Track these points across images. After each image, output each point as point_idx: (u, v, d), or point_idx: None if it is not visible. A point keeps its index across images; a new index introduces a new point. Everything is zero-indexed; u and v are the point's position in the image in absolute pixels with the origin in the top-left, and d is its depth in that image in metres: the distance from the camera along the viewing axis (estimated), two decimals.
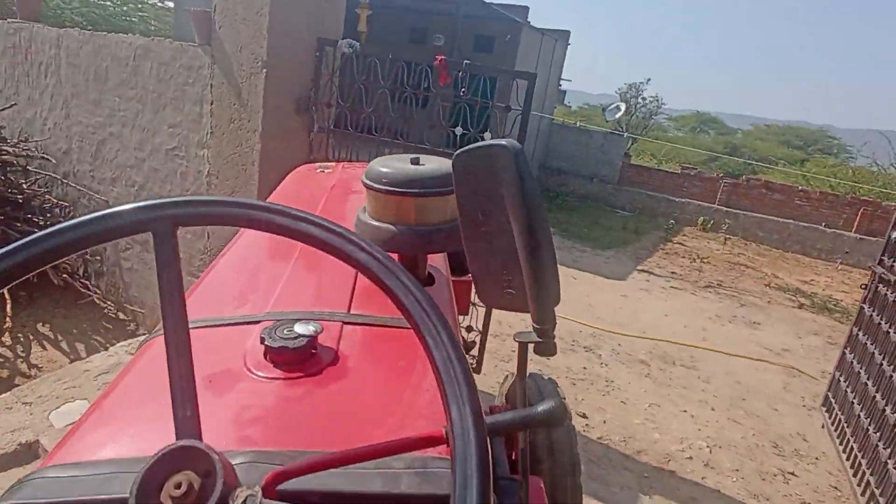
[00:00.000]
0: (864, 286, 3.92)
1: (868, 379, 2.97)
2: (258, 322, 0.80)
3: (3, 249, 0.44)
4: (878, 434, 2.67)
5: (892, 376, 2.66)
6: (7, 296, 3.87)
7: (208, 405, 0.52)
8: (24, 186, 3.93)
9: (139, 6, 11.49)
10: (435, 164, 0.99)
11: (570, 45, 12.10)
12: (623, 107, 10.66)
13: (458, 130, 2.80)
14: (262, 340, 0.70)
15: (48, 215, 4.02)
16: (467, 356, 1.10)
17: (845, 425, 3.12)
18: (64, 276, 3.86)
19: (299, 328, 0.72)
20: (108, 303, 3.97)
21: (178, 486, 0.37)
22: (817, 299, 7.99)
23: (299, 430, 0.60)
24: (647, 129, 22.02)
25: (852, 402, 3.12)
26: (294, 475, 0.42)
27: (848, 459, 3.02)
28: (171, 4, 10.72)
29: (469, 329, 2.94)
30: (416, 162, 0.99)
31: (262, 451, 0.54)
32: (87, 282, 4.02)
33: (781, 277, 9.03)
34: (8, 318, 3.77)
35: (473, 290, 1.13)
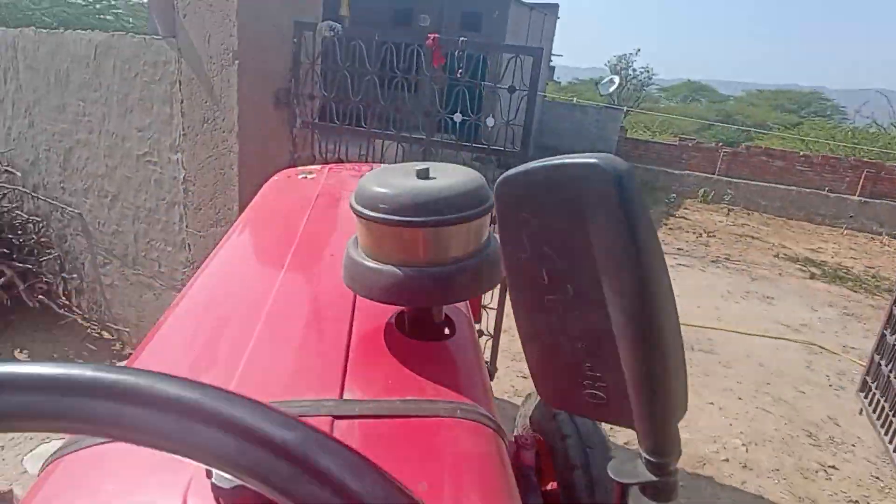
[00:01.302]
0: None
1: None
2: None
3: None
4: None
5: None
6: None
7: None
8: None
9: (113, 2, 11.00)
10: (451, 177, 0.73)
11: (559, 18, 11.68)
12: (616, 80, 10.36)
13: (458, 117, 2.52)
14: (209, 472, 0.44)
15: (19, 232, 3.74)
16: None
17: (890, 412, 2.91)
18: (40, 297, 3.59)
19: None
20: (91, 322, 3.71)
21: None
22: (828, 268, 7.79)
23: None
24: (638, 101, 21.64)
25: None
26: None
27: (894, 448, 2.82)
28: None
29: (480, 333, 2.70)
30: (424, 175, 0.73)
31: None
32: (68, 301, 3.76)
33: (789, 247, 8.82)
34: None
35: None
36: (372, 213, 0.70)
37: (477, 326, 2.61)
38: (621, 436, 2.72)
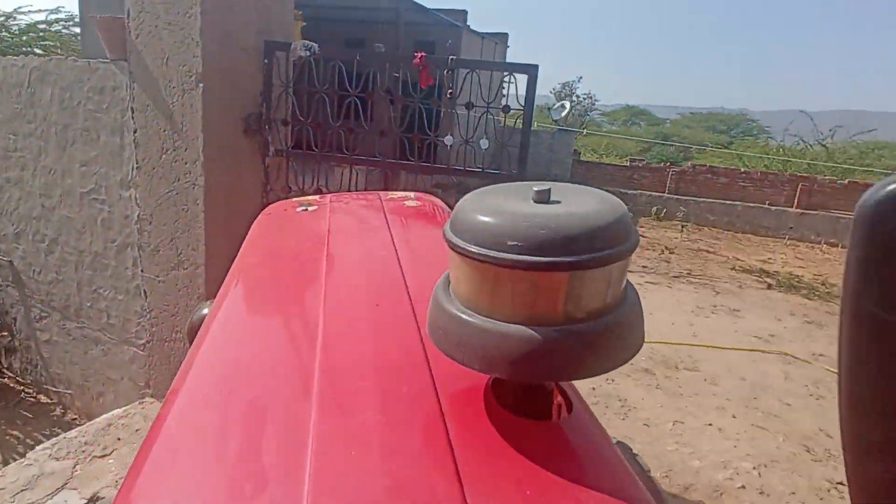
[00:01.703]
0: None
1: None
2: None
3: None
4: None
5: None
6: None
7: None
8: None
9: (41, 34, 10.34)
10: (583, 201, 0.54)
11: (508, 47, 11.94)
12: (567, 105, 10.62)
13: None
14: None
15: None
16: None
17: None
18: None
19: None
20: (26, 385, 3.23)
21: None
22: (781, 278, 8.10)
23: None
24: (584, 126, 22.46)
25: None
26: None
27: None
28: (79, 30, 9.69)
29: None
30: (544, 198, 0.54)
31: None
32: None
33: (742, 259, 9.15)
34: None
35: None
36: (494, 254, 0.50)
37: None
38: None
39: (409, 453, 0.53)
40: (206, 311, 1.12)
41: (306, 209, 1.32)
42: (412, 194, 1.52)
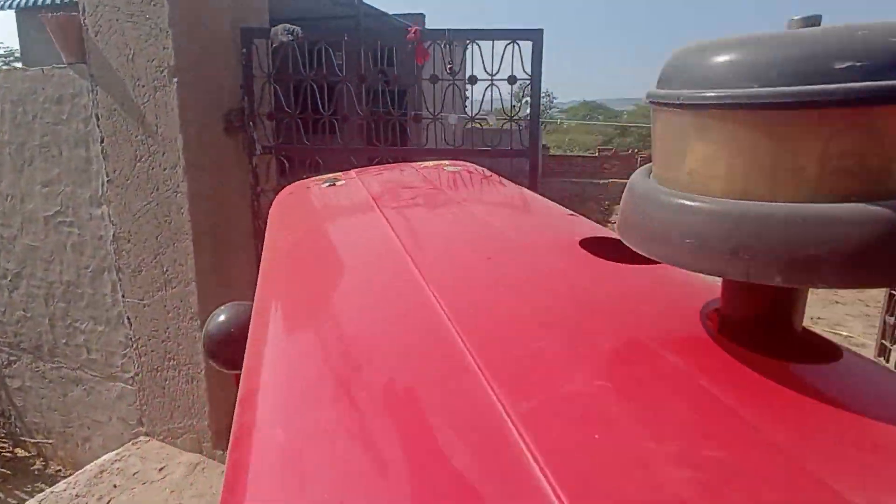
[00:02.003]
0: None
1: None
2: None
3: None
4: None
5: None
6: None
7: None
8: None
9: None
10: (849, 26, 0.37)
11: (466, 48, 11.88)
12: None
13: (453, 118, 2.20)
14: None
15: None
16: None
17: None
18: None
19: None
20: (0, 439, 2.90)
21: None
22: None
23: None
24: (544, 123, 22.70)
25: None
26: None
27: None
28: (20, 65, 9.18)
29: None
30: (813, 23, 0.37)
31: None
32: None
33: None
34: None
35: None
36: (818, 88, 0.32)
37: None
38: None
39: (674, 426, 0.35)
40: (223, 317, 0.92)
41: (333, 184, 1.13)
42: (446, 162, 1.35)
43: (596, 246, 0.68)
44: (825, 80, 0.32)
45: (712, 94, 0.36)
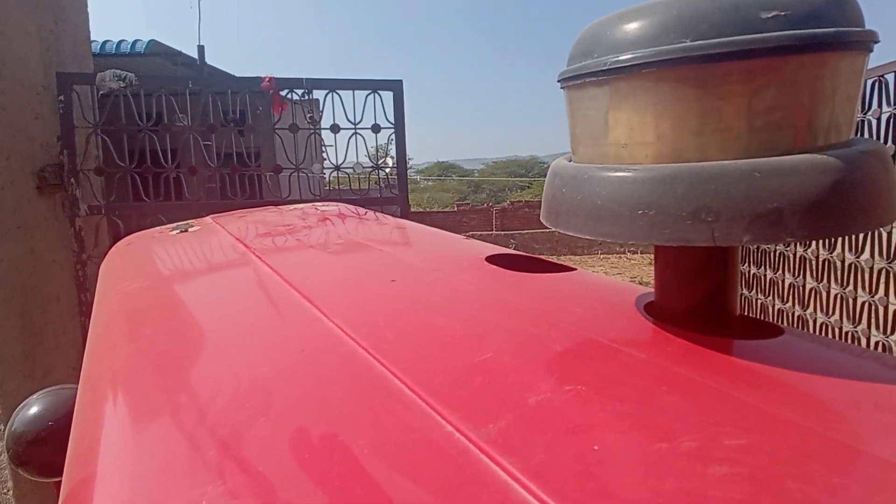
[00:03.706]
0: None
1: None
2: None
3: None
4: None
5: None
6: None
7: None
8: None
9: None
10: None
11: (322, 112, 11.98)
12: (391, 161, 10.96)
13: (317, 167, 2.11)
14: None
15: None
16: None
17: None
18: None
19: None
20: None
21: None
22: (637, 282, 9.24)
23: None
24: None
25: None
26: None
27: None
28: None
29: None
30: None
31: None
32: None
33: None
34: None
35: None
36: (743, 38, 0.30)
37: None
38: None
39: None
40: (35, 409, 0.71)
41: (185, 230, 0.96)
42: (318, 203, 1.25)
43: (504, 261, 0.63)
44: (753, 31, 0.31)
45: (637, 55, 0.33)
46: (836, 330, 2.01)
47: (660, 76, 0.33)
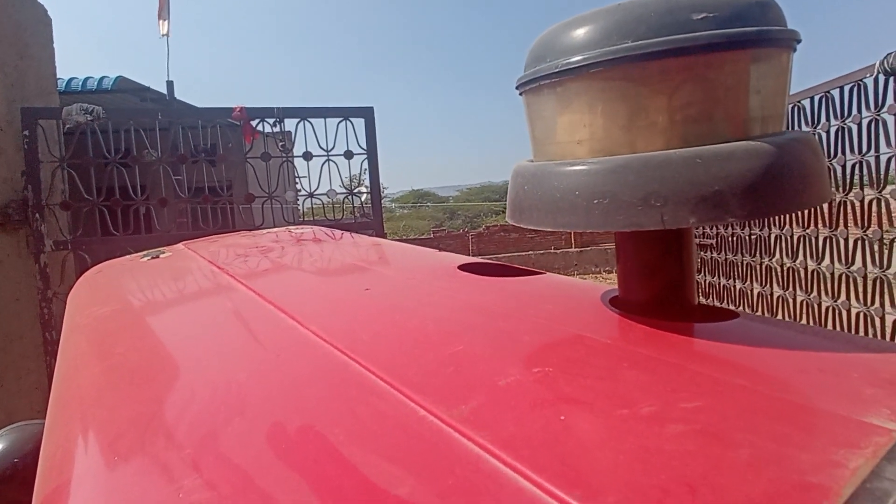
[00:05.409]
0: None
1: None
2: None
3: None
4: None
5: None
6: None
7: None
8: None
9: None
10: None
11: (294, 142, 12.03)
12: (365, 189, 11.01)
13: (290, 195, 2.12)
14: None
15: None
16: None
17: None
18: None
19: None
20: None
21: None
22: None
23: None
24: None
25: None
26: None
27: None
28: None
29: None
30: None
31: None
32: None
33: None
34: None
35: None
36: (676, 37, 0.33)
37: None
38: None
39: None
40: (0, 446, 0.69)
41: (157, 257, 0.95)
42: (291, 227, 1.25)
43: (476, 269, 0.65)
44: (686, 31, 0.34)
45: (584, 57, 0.36)
46: (815, 306, 2.16)
47: (606, 75, 0.35)
